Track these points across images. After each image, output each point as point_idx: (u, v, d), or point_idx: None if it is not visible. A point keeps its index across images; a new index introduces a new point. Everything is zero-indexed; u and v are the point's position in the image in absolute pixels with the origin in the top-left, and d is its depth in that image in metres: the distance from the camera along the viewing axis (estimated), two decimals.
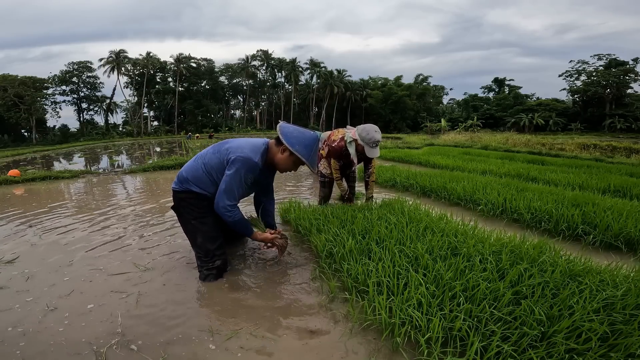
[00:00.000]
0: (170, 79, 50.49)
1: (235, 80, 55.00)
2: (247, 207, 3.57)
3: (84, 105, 46.57)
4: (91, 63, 44.67)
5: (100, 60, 43.30)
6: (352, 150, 2.92)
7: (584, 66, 46.34)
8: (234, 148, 2.04)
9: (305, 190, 4.96)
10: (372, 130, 2.81)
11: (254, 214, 2.36)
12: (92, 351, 1.41)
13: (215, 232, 2.10)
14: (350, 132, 2.95)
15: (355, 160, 3.04)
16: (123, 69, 44.79)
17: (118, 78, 45.21)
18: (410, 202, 3.27)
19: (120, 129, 47.46)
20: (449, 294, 1.53)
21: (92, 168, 10.27)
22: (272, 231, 2.22)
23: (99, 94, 46.60)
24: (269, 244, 2.21)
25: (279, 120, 2.15)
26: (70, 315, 1.68)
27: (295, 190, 4.95)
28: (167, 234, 2.89)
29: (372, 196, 3.32)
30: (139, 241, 2.76)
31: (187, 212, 2.12)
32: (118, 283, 2.03)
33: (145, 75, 46.36)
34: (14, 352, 1.40)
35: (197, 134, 37.07)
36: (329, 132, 3.51)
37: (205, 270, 2.05)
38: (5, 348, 1.43)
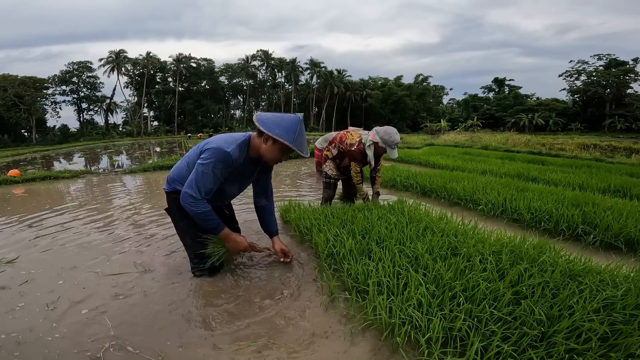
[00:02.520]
0: (170, 79, 50.55)
1: (235, 80, 55.02)
2: (243, 207, 3.58)
3: (84, 105, 46.72)
4: (91, 63, 44.89)
5: (100, 60, 43.52)
6: (370, 153, 3.03)
7: (584, 66, 46.44)
8: (210, 141, 1.97)
9: (305, 190, 4.95)
10: (393, 132, 2.93)
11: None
12: (90, 353, 1.41)
13: (205, 233, 2.05)
14: (369, 136, 3.01)
15: (373, 163, 3.09)
16: (123, 69, 44.90)
17: (118, 78, 45.41)
18: (410, 202, 3.27)
19: (120, 129, 47.53)
20: (449, 294, 1.53)
21: (92, 168, 10.27)
22: (257, 247, 2.15)
23: (99, 94, 46.78)
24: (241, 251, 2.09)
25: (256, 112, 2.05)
26: (69, 317, 1.68)
27: (295, 190, 4.95)
28: (167, 234, 2.89)
29: (379, 191, 3.38)
30: (139, 241, 2.76)
31: (177, 212, 2.08)
32: (117, 284, 2.03)
33: (145, 75, 46.42)
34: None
35: (199, 134, 36.97)
36: (333, 133, 3.51)
37: (197, 272, 2.07)
38: (1, 355, 1.42)
